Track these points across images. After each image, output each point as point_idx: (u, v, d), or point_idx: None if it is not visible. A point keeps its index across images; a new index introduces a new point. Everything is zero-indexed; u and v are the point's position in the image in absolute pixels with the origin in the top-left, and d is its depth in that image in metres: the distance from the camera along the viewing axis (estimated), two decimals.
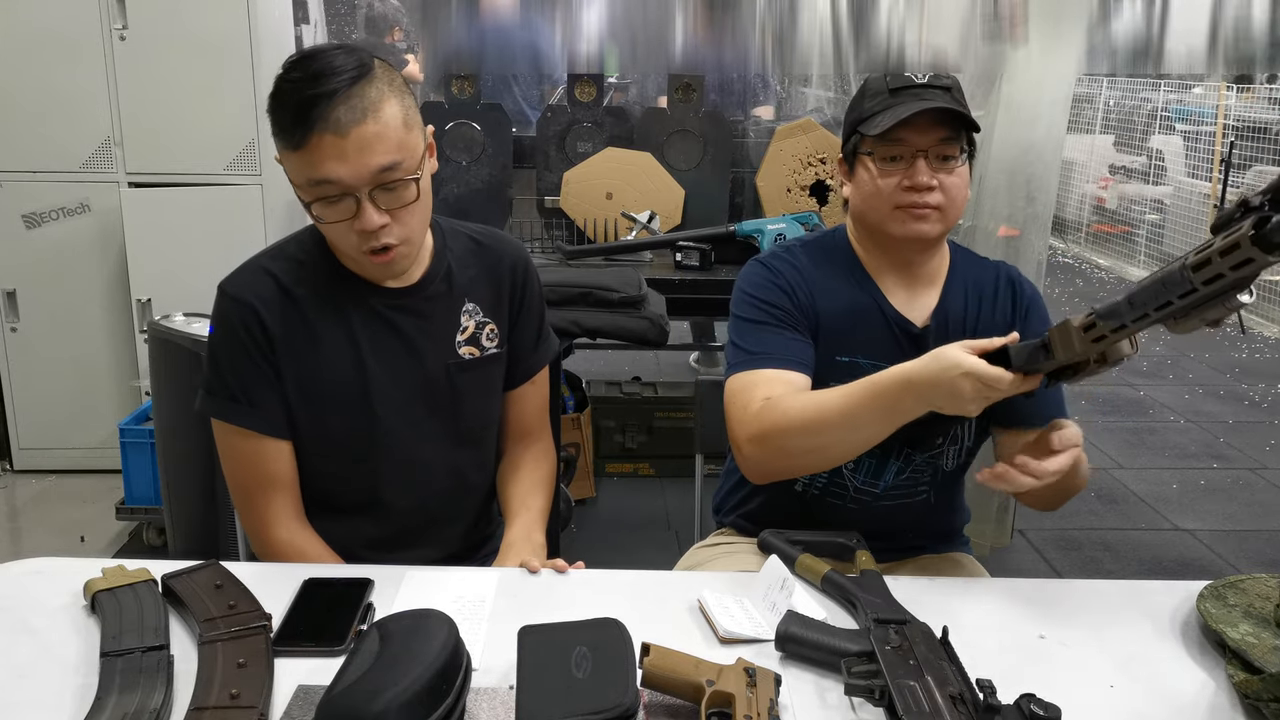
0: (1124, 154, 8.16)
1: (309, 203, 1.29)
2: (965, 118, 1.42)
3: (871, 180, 1.45)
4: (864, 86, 1.50)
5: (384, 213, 1.28)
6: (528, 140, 3.44)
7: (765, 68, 3.78)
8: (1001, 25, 2.96)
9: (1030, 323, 1.55)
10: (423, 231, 1.38)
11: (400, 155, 1.26)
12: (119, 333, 3.42)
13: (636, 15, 3.31)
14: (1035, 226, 2.94)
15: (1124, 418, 4.47)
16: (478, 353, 1.48)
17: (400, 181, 1.28)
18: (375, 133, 1.24)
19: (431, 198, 1.37)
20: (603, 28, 3.32)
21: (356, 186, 1.25)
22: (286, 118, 1.24)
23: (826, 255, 1.54)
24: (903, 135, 1.41)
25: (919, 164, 1.41)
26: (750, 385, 1.43)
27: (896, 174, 1.43)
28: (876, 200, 1.45)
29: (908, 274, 1.52)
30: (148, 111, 3.23)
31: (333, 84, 1.22)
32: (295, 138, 1.24)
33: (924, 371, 1.24)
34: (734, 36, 3.31)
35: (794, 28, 3.28)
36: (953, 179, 1.43)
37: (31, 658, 1.10)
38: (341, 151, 1.23)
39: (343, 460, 1.43)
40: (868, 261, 1.53)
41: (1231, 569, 3.11)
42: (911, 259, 1.51)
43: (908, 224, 1.44)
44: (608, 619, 1.08)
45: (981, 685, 0.98)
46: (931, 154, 1.42)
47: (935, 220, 1.44)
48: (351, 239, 1.30)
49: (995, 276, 1.57)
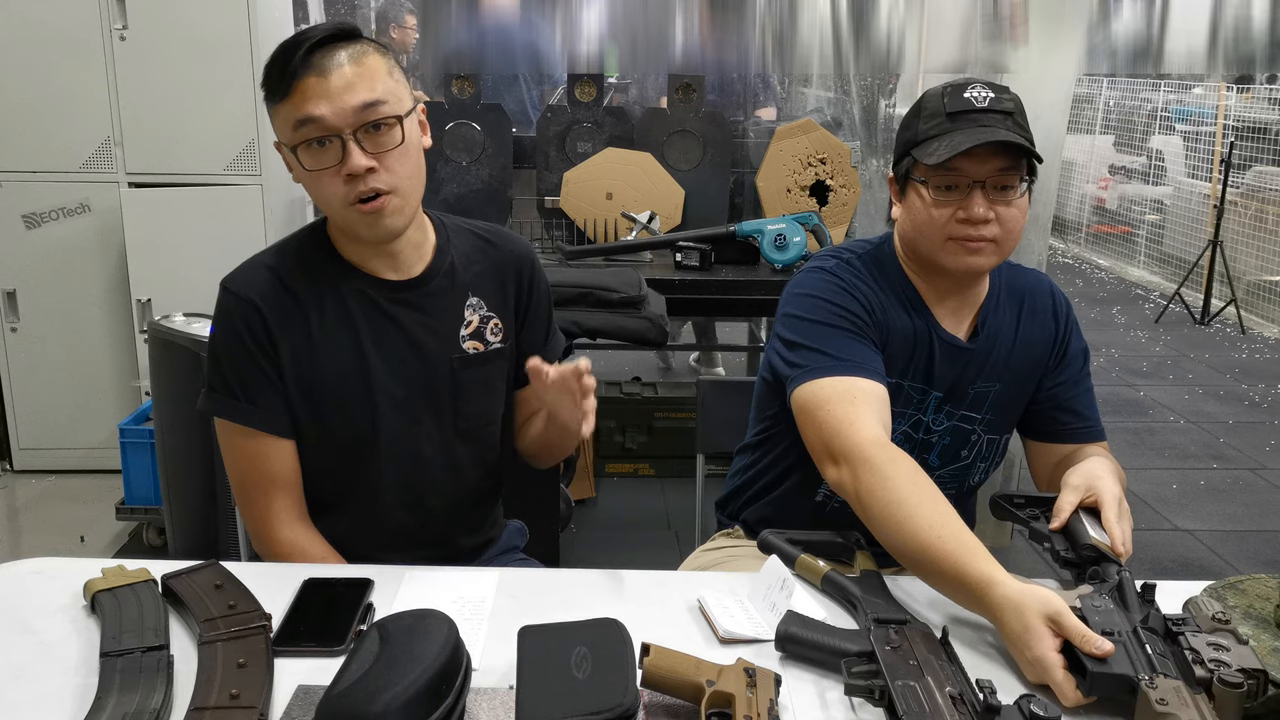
0: (1124, 154, 8.16)
1: (295, 148, 1.30)
2: (1025, 146, 1.34)
3: (925, 209, 1.38)
4: (920, 103, 1.42)
5: (369, 155, 1.29)
6: (528, 140, 3.44)
7: (765, 68, 3.78)
8: (1001, 25, 2.96)
9: (1071, 343, 1.54)
10: (413, 188, 1.36)
11: (383, 95, 1.30)
12: (119, 333, 3.42)
13: (636, 15, 3.32)
14: (1035, 227, 2.94)
15: (1124, 418, 4.47)
16: (482, 347, 1.48)
17: (385, 122, 1.30)
18: (357, 73, 1.29)
19: (424, 167, 1.38)
20: (603, 28, 3.33)
21: (340, 127, 1.28)
22: (274, 70, 1.29)
23: (884, 273, 1.48)
24: (959, 165, 1.34)
25: (975, 195, 1.34)
26: (849, 396, 1.34)
27: (951, 205, 1.36)
28: (930, 230, 1.38)
29: (957, 295, 1.47)
30: (148, 111, 3.23)
31: (317, 34, 1.29)
32: (281, 86, 1.28)
33: (1006, 616, 1.10)
34: (734, 37, 3.31)
35: (794, 28, 3.28)
36: (1010, 210, 1.36)
37: (31, 658, 1.10)
38: (324, 90, 1.27)
39: (343, 457, 1.43)
40: (919, 284, 1.47)
41: (1231, 569, 3.11)
42: (967, 285, 1.46)
43: (961, 257, 1.38)
44: (608, 619, 1.08)
45: (981, 685, 0.98)
46: (990, 184, 1.35)
47: (990, 253, 1.38)
48: (339, 188, 1.30)
49: (1036, 287, 1.54)
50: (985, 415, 1.50)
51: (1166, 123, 7.75)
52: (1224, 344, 5.69)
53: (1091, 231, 8.24)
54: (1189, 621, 1.07)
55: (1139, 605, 1.10)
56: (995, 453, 1.55)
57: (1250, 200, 6.40)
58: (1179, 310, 6.21)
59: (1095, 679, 0.99)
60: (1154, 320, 6.16)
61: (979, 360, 1.47)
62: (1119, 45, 3.02)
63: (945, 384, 1.47)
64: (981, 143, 1.32)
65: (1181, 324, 6.07)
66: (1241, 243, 6.34)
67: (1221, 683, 0.96)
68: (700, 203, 3.32)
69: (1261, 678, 1.00)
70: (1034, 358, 1.51)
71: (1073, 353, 1.54)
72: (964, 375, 1.47)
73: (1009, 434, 1.55)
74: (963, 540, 1.17)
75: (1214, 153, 6.75)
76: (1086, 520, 1.28)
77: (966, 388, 1.48)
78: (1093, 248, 8.15)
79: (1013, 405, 1.53)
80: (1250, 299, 6.21)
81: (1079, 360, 1.55)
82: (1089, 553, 1.22)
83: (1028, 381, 1.52)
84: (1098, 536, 1.24)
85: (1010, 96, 1.39)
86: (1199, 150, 7.15)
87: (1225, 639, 1.04)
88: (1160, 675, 0.98)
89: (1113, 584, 1.15)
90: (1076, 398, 1.54)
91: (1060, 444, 1.54)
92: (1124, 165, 8.14)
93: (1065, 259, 8.01)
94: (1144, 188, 7.73)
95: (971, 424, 1.50)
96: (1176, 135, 7.59)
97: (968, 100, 1.36)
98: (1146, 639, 1.04)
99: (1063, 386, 1.53)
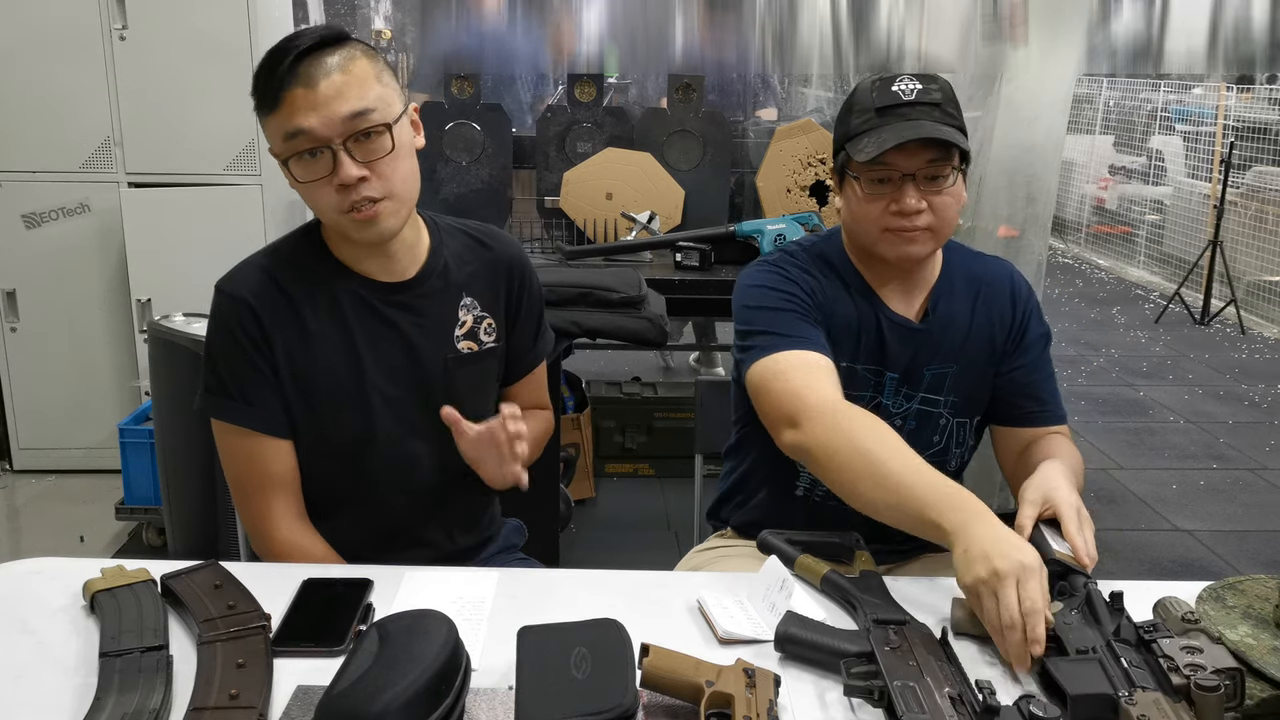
0: (1124, 154, 8.16)
1: (286, 160, 1.30)
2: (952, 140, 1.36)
3: (860, 203, 1.42)
4: (851, 98, 1.45)
5: (361, 165, 1.29)
6: (528, 140, 3.44)
7: (765, 68, 3.79)
8: (1001, 25, 2.96)
9: (1029, 328, 1.55)
10: (407, 191, 1.36)
11: (372, 104, 1.29)
12: (119, 333, 3.42)
13: (636, 15, 3.32)
14: (1035, 227, 2.94)
15: (1124, 418, 4.47)
16: (476, 347, 1.48)
17: (374, 130, 1.29)
18: (344, 82, 1.27)
19: (418, 170, 1.37)
20: (603, 28, 3.33)
21: (329, 137, 1.27)
22: (261, 81, 1.29)
23: (828, 263, 1.51)
24: (889, 159, 1.36)
25: (907, 188, 1.37)
26: (803, 366, 1.38)
27: (884, 198, 1.39)
28: (865, 222, 1.42)
29: (901, 280, 1.50)
30: (148, 111, 3.23)
31: (303, 43, 1.27)
32: (270, 98, 1.28)
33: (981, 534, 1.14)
34: (734, 37, 3.31)
35: (794, 28, 3.29)
36: (942, 199, 1.39)
37: (31, 658, 1.10)
38: (312, 102, 1.26)
39: (339, 457, 1.43)
40: (864, 271, 1.51)
41: (1231, 569, 3.11)
42: (905, 270, 1.49)
43: (897, 247, 1.41)
44: (607, 619, 1.08)
45: (981, 686, 0.98)
46: (920, 176, 1.38)
47: (925, 240, 1.41)
48: (332, 198, 1.30)
49: (995, 274, 1.56)
50: (948, 398, 1.52)
51: (1166, 123, 7.75)
52: (1224, 344, 5.69)
53: (1091, 232, 8.24)
54: (1160, 627, 1.06)
55: (1109, 616, 1.10)
56: (968, 436, 1.56)
57: (1250, 200, 6.40)
58: (1179, 310, 6.21)
59: (1076, 701, 0.98)
60: (1154, 320, 6.16)
61: (931, 341, 1.49)
62: (1119, 45, 3.02)
63: (900, 365, 1.49)
64: (907, 140, 1.34)
65: (1181, 324, 6.07)
66: (1241, 243, 6.34)
67: (1198, 688, 0.96)
68: (700, 203, 3.33)
69: (1239, 675, 1.00)
70: (990, 341, 1.53)
71: (1031, 338, 1.55)
72: (918, 357, 1.49)
73: (979, 416, 1.56)
74: (933, 484, 1.22)
75: (1214, 153, 6.75)
76: (1048, 533, 1.26)
77: (922, 369, 1.49)
78: (1093, 248, 8.15)
79: (975, 389, 1.54)
80: (1250, 299, 6.21)
81: (1038, 345, 1.56)
82: (1055, 567, 1.20)
83: (985, 365, 1.53)
84: (1060, 549, 1.23)
85: (938, 86, 1.40)
86: (1199, 150, 7.15)
87: (1198, 639, 1.04)
88: (1139, 689, 0.98)
89: (1081, 598, 1.14)
90: (1036, 383, 1.55)
91: (1020, 428, 1.55)
92: (1124, 165, 8.14)
93: (1065, 259, 8.01)
94: (1144, 188, 7.73)
95: (936, 407, 1.52)
96: (1176, 135, 7.59)
97: (895, 94, 1.38)
98: (1120, 651, 1.04)
99: (1021, 371, 1.54)
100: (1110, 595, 1.13)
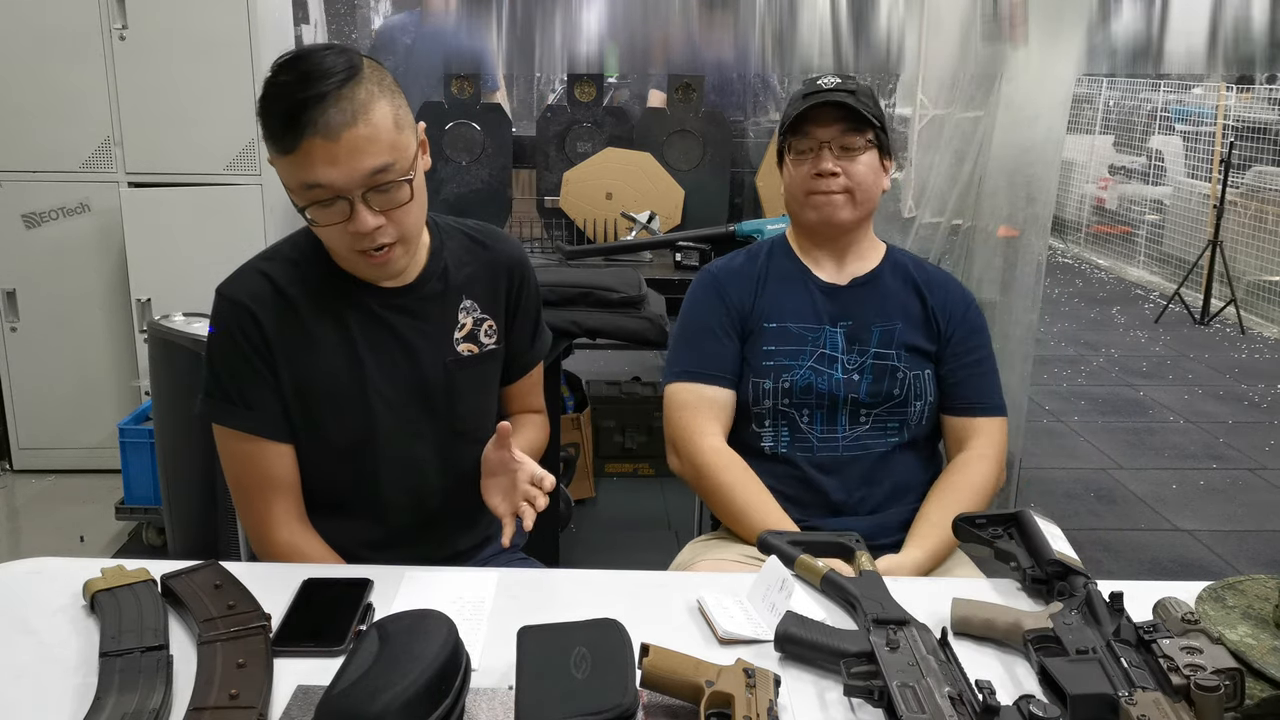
0: (1124, 154, 8.17)
1: (302, 207, 1.28)
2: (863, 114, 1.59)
3: (789, 173, 1.67)
4: (791, 98, 1.70)
5: (378, 214, 1.28)
6: (528, 140, 3.44)
7: (765, 68, 3.78)
8: (1001, 25, 2.96)
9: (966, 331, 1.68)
10: (418, 230, 1.38)
11: (392, 156, 1.26)
12: (119, 333, 3.42)
13: (636, 15, 3.32)
14: (1035, 227, 2.93)
15: (1124, 418, 4.47)
16: (476, 349, 1.48)
17: (393, 183, 1.27)
18: (366, 135, 1.23)
19: (426, 195, 1.37)
20: (603, 28, 3.33)
21: (349, 189, 1.25)
22: (276, 123, 1.23)
23: (770, 254, 1.73)
24: (809, 129, 1.62)
25: (824, 153, 1.62)
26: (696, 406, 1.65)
27: (806, 162, 1.64)
28: (794, 189, 1.66)
29: (835, 251, 1.69)
30: (148, 111, 3.23)
31: (322, 87, 1.21)
32: (285, 143, 1.23)
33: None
34: (734, 37, 3.31)
35: (794, 28, 3.29)
36: (858, 167, 1.62)
37: (31, 658, 1.10)
38: (332, 156, 1.22)
39: (340, 460, 1.43)
40: (799, 245, 1.72)
41: (1231, 569, 3.11)
42: (836, 239, 1.67)
43: (820, 209, 1.64)
44: (607, 619, 1.08)
45: (980, 686, 0.98)
46: (834, 144, 1.62)
47: (844, 204, 1.63)
48: (346, 240, 1.30)
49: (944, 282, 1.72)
50: (899, 351, 1.66)
51: (1166, 123, 7.75)
52: (1224, 344, 5.69)
53: (1091, 231, 8.24)
54: (1160, 627, 1.06)
55: (1109, 616, 1.10)
56: (925, 389, 1.66)
57: (1250, 200, 6.40)
58: (1179, 310, 6.21)
59: (1076, 701, 0.98)
60: (1154, 320, 6.16)
61: (859, 301, 1.67)
62: (1119, 45, 3.02)
63: (837, 319, 1.66)
64: (817, 103, 1.61)
65: (1181, 324, 6.07)
66: (1241, 243, 6.34)
67: (1198, 688, 0.96)
68: (700, 203, 3.33)
69: (1238, 675, 1.00)
70: (929, 321, 1.68)
71: (961, 337, 1.69)
72: (863, 314, 1.66)
73: (931, 368, 1.67)
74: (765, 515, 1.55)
75: (1214, 153, 6.75)
76: (1048, 534, 1.27)
77: (869, 326, 1.66)
78: (1092, 248, 8.15)
79: (923, 343, 1.68)
80: (1250, 299, 6.21)
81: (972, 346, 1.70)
82: (1055, 568, 1.21)
83: (928, 333, 1.68)
84: (1060, 550, 1.24)
85: (857, 86, 1.65)
86: (1199, 150, 7.15)
87: (1197, 639, 1.04)
88: (1139, 689, 0.98)
89: (1081, 598, 1.15)
90: (968, 379, 1.69)
91: (953, 416, 1.69)
92: (1124, 165, 8.14)
93: (1065, 259, 8.01)
94: (1144, 188, 7.73)
95: (890, 360, 1.65)
96: (1176, 135, 7.59)
97: (818, 85, 1.65)
98: (1120, 652, 1.04)
99: (956, 367, 1.69)
100: (1110, 595, 1.13)
